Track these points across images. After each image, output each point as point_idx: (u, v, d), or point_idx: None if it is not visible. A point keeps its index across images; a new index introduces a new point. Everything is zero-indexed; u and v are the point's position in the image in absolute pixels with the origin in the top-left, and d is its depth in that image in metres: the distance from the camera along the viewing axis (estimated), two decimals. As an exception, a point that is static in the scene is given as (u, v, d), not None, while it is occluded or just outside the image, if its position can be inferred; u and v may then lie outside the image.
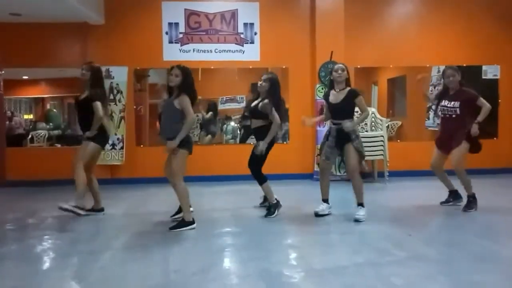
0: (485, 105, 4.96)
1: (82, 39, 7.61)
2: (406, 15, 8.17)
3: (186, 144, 4.42)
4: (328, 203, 4.99)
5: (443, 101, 5.12)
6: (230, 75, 8.33)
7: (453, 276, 3.13)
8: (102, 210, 5.22)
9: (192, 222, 4.50)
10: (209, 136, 8.17)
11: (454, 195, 5.35)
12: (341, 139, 4.71)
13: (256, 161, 4.96)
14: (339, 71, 4.75)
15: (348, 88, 4.78)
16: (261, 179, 5.01)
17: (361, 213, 4.70)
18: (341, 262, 3.44)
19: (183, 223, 4.47)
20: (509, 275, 3.18)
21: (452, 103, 5.03)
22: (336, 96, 4.79)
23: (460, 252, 3.67)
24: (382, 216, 4.92)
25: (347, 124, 4.62)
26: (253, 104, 5.05)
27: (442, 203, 5.37)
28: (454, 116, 5.02)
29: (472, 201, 5.09)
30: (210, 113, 8.24)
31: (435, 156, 5.26)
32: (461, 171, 4.99)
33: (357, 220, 4.64)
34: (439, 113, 5.19)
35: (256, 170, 4.98)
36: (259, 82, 5.02)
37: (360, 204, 4.79)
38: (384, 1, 8.15)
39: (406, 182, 7.15)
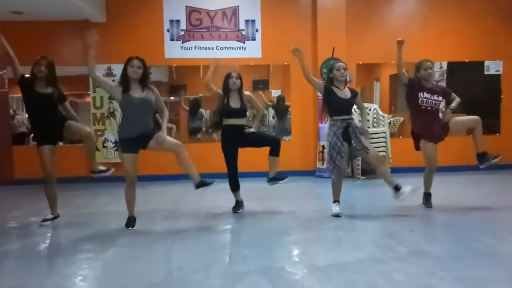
0: (457, 98, 5.02)
1: (83, 37, 7.59)
2: (408, 10, 8.14)
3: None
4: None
5: (423, 93, 4.96)
6: (232, 72, 8.32)
7: (455, 272, 3.13)
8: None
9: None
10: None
11: (429, 197, 5.18)
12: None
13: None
14: (342, 70, 4.80)
15: (348, 87, 4.90)
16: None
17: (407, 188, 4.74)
18: (343, 259, 3.45)
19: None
20: (510, 271, 3.17)
21: (436, 96, 4.98)
22: (343, 93, 4.82)
23: (462, 248, 3.67)
24: (384, 213, 4.92)
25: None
26: (236, 105, 5.03)
27: (425, 206, 5.17)
28: (435, 108, 4.99)
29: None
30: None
31: (435, 152, 5.04)
32: None
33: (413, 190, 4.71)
34: (420, 103, 4.95)
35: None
36: (234, 79, 5.03)
37: (398, 186, 4.77)
38: (386, -3, 8.13)
39: (408, 179, 7.09)
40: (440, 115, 5.07)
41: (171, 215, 4.97)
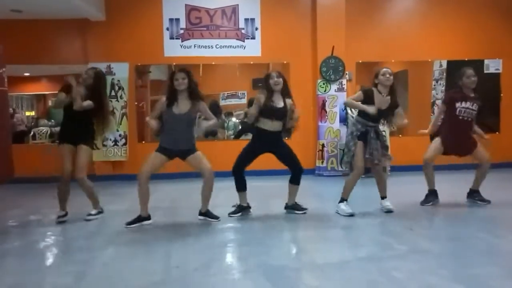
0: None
1: (83, 35, 7.60)
2: (408, 9, 8.14)
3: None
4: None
5: (464, 102, 4.88)
6: (231, 71, 8.33)
7: (454, 269, 3.14)
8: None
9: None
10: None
11: (435, 195, 5.17)
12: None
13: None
14: (387, 75, 4.66)
15: (390, 97, 4.73)
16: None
17: (388, 203, 4.88)
18: (343, 257, 3.45)
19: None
20: (510, 268, 3.18)
21: (474, 105, 4.90)
22: (382, 102, 4.68)
23: (461, 246, 3.68)
24: (383, 211, 4.92)
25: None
26: (279, 105, 4.64)
27: (422, 203, 5.18)
28: (471, 119, 4.94)
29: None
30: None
31: (436, 152, 5.06)
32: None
33: (390, 211, 4.77)
34: (457, 114, 4.89)
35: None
36: (275, 78, 4.60)
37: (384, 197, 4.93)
38: (385, -5, 8.12)
39: (408, 177, 7.14)
40: (472, 126, 5.02)
41: (171, 213, 4.97)
